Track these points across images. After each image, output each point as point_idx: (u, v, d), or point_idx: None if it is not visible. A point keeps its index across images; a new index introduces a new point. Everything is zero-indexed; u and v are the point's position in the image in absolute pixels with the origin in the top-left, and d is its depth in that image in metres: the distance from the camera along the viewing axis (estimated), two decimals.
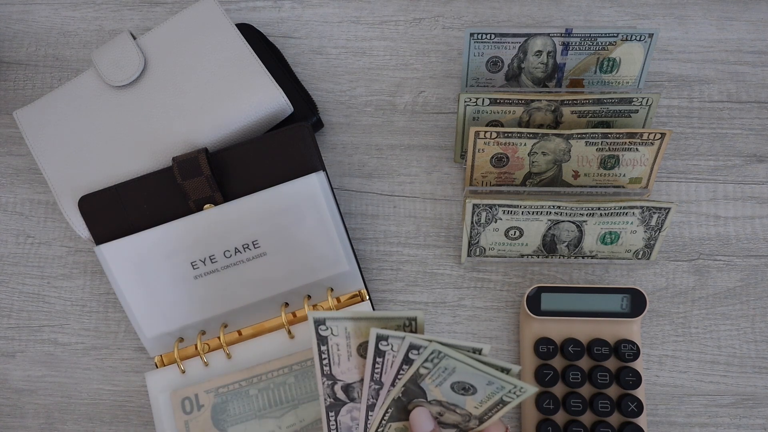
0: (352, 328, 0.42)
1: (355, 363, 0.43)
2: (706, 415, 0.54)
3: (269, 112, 0.55)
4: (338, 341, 0.42)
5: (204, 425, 0.52)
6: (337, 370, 0.43)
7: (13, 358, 0.56)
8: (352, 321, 0.42)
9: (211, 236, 0.52)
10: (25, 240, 0.59)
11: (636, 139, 0.53)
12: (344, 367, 0.43)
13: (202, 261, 0.52)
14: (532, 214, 0.52)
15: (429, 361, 0.40)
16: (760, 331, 0.55)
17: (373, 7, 0.63)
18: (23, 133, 0.56)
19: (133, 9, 0.64)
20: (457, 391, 0.41)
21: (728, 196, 0.58)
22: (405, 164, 0.60)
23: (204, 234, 0.52)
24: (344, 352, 0.43)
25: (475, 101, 0.54)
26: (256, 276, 0.53)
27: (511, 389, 0.40)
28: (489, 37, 0.55)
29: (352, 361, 0.43)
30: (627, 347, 0.52)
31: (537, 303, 0.53)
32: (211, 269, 0.53)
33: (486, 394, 0.41)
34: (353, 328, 0.42)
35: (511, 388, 0.40)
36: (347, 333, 0.42)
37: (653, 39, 0.54)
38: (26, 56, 0.63)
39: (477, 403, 0.41)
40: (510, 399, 0.40)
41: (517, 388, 0.40)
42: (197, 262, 0.52)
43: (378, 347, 0.41)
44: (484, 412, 0.42)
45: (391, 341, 0.41)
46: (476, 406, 0.41)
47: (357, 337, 0.42)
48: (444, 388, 0.41)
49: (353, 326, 0.42)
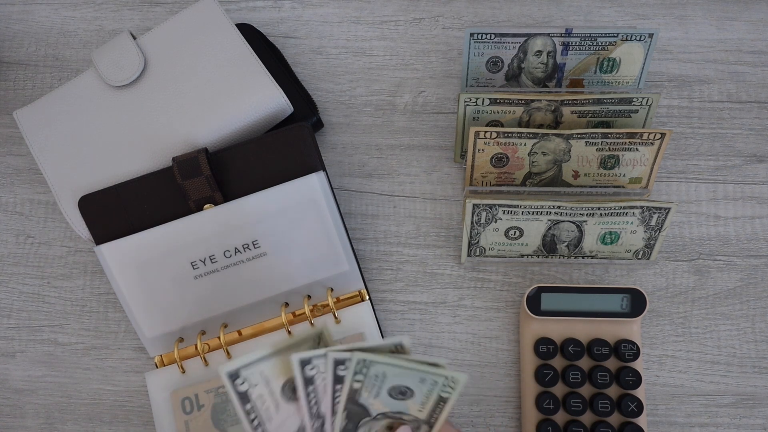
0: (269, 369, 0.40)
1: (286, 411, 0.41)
2: (706, 415, 0.54)
3: (269, 112, 0.55)
4: (260, 391, 0.40)
5: (204, 425, 0.52)
6: (270, 427, 0.41)
7: (13, 358, 0.56)
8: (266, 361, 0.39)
9: (211, 236, 0.52)
10: (25, 240, 0.59)
11: (636, 139, 0.53)
12: (277, 421, 0.41)
13: (202, 261, 0.52)
14: (532, 214, 0.52)
15: (359, 373, 0.39)
16: (760, 331, 0.55)
17: (373, 7, 0.63)
18: (23, 133, 0.56)
19: (133, 9, 0.64)
20: (396, 397, 0.40)
21: (728, 196, 0.58)
22: (405, 164, 0.60)
23: (204, 234, 0.52)
24: (271, 403, 0.40)
25: (475, 101, 0.54)
26: (256, 276, 0.53)
27: (444, 382, 0.39)
28: (489, 37, 0.55)
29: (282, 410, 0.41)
30: (627, 347, 0.52)
31: (537, 303, 0.53)
32: (211, 269, 0.53)
33: (423, 393, 0.40)
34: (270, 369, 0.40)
35: (443, 381, 0.39)
36: (265, 378, 0.40)
37: (653, 39, 0.54)
38: (26, 56, 0.63)
39: (419, 406, 0.41)
40: (447, 393, 0.40)
41: (448, 379, 0.39)
42: (197, 262, 0.52)
43: (305, 374, 0.40)
44: (430, 415, 0.41)
45: (315, 362, 0.39)
46: (419, 409, 0.41)
47: (278, 378, 0.40)
48: (383, 397, 0.40)
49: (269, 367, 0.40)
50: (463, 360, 0.55)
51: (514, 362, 0.55)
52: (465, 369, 0.55)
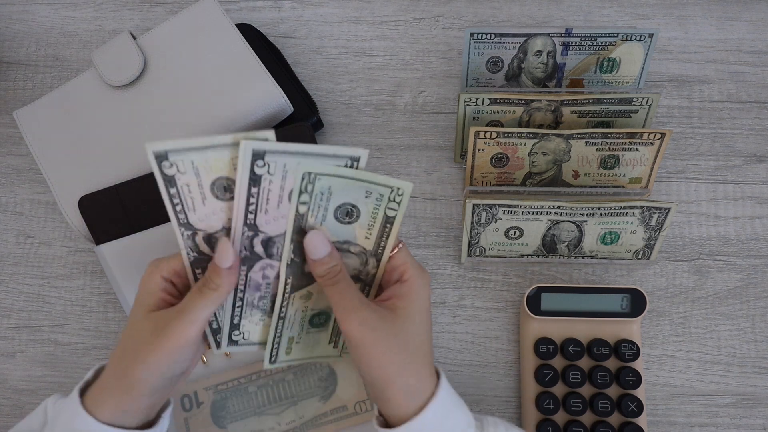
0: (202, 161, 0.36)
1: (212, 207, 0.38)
2: (706, 415, 0.54)
3: (269, 112, 0.55)
4: (188, 180, 0.37)
5: (204, 422, 0.52)
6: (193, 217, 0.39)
7: (13, 358, 0.56)
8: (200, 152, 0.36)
9: None
10: (25, 240, 0.59)
11: (636, 139, 0.53)
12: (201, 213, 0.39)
13: None
14: (532, 214, 0.52)
15: (304, 192, 0.37)
16: (760, 331, 0.55)
17: (373, 7, 0.63)
18: (23, 133, 0.56)
19: (133, 9, 0.64)
20: (342, 220, 0.39)
21: (728, 196, 0.58)
22: (405, 164, 0.60)
23: None
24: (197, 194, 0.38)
25: (475, 101, 0.54)
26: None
27: (390, 195, 0.38)
28: (489, 37, 0.55)
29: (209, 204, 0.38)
30: (627, 347, 0.52)
31: (537, 303, 0.53)
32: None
33: (369, 213, 0.39)
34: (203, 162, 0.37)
35: (389, 194, 0.38)
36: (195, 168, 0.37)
37: (653, 39, 0.54)
38: (26, 56, 0.63)
39: (366, 231, 0.40)
40: (393, 210, 0.39)
41: (394, 191, 0.38)
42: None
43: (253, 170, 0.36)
44: (377, 243, 0.40)
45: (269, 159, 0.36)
46: (366, 235, 0.40)
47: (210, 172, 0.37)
48: (329, 221, 0.39)
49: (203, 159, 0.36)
50: (463, 360, 0.55)
51: (514, 362, 0.55)
52: (465, 369, 0.55)
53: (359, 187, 0.38)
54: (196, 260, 0.40)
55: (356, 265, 0.42)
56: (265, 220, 0.39)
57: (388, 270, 0.42)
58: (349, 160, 0.38)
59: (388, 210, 0.39)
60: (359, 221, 0.40)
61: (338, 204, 0.39)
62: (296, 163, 0.37)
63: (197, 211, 0.39)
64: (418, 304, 0.40)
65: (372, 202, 0.39)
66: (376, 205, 0.39)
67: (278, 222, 0.39)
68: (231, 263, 0.39)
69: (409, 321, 0.39)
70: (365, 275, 0.43)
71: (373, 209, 0.39)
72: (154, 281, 0.40)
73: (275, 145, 0.36)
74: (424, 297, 0.41)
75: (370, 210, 0.39)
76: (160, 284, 0.40)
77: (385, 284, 0.43)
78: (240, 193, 0.38)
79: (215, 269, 0.39)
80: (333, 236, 0.40)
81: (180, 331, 0.38)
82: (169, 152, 0.36)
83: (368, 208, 0.39)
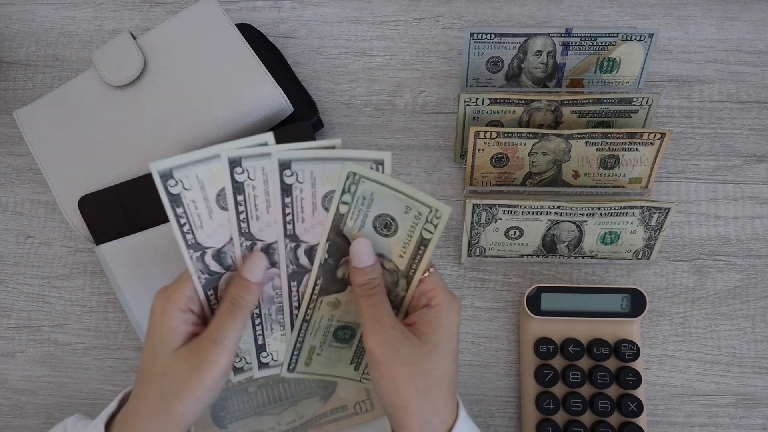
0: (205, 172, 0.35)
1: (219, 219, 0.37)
2: (706, 415, 0.54)
3: (269, 112, 0.55)
4: (194, 196, 0.36)
5: (204, 422, 0.52)
6: (201, 235, 0.37)
7: (13, 358, 0.56)
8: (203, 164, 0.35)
9: None
10: (25, 240, 0.59)
11: (636, 139, 0.53)
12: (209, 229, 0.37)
13: None
14: (532, 214, 0.52)
15: (347, 192, 0.36)
16: (760, 331, 0.55)
17: (373, 7, 0.63)
18: (23, 133, 0.56)
19: (133, 9, 0.64)
20: (380, 231, 0.38)
21: (728, 196, 0.58)
22: (405, 164, 0.60)
23: None
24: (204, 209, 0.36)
25: (475, 101, 0.54)
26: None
27: (428, 215, 0.37)
28: (489, 37, 0.55)
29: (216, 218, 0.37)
30: (627, 347, 0.52)
31: (537, 303, 0.53)
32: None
33: (407, 229, 0.38)
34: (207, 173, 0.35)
35: (427, 214, 0.37)
36: (200, 182, 0.36)
37: (653, 39, 0.54)
38: (26, 56, 0.63)
39: (401, 249, 0.39)
40: (429, 232, 0.38)
41: (432, 212, 0.37)
42: None
43: (283, 180, 0.36)
44: (409, 264, 0.39)
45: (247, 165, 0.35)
46: (401, 253, 0.39)
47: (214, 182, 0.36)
48: (367, 230, 0.38)
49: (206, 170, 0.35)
50: (463, 360, 0.55)
51: (514, 362, 0.55)
52: (465, 369, 0.55)
53: (400, 201, 0.37)
54: (207, 282, 0.39)
55: (387, 284, 0.41)
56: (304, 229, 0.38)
57: (417, 294, 0.40)
58: (373, 163, 0.37)
59: (424, 231, 0.38)
60: (396, 236, 0.39)
61: (378, 213, 0.38)
62: (322, 169, 0.37)
63: (205, 228, 0.38)
64: (445, 331, 0.38)
65: (410, 220, 0.38)
66: (413, 223, 0.38)
67: (316, 230, 0.39)
68: (262, 277, 0.38)
69: (434, 349, 0.38)
70: (394, 296, 0.41)
71: (410, 227, 0.38)
72: (174, 316, 0.38)
73: (301, 153, 0.36)
74: (452, 325, 0.39)
75: (407, 227, 0.38)
76: (181, 317, 0.38)
77: (412, 309, 0.41)
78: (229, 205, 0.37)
79: (244, 284, 0.38)
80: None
81: (219, 360, 0.37)
82: (174, 169, 0.35)
83: (406, 225, 0.38)
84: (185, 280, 0.39)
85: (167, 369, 0.37)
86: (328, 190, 0.38)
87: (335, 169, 0.37)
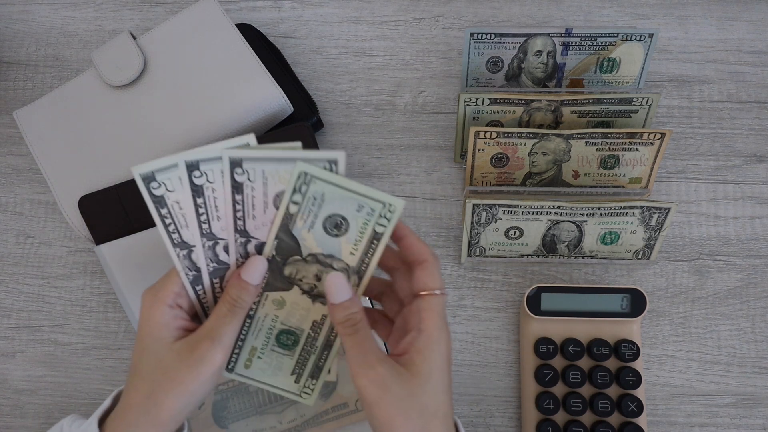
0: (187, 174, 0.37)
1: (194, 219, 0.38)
2: (706, 415, 0.54)
3: (269, 112, 0.55)
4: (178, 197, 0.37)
5: (205, 422, 0.52)
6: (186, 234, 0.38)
7: (13, 358, 0.56)
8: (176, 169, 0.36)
9: None
10: (25, 240, 0.59)
11: (636, 139, 0.53)
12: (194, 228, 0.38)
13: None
14: (532, 214, 0.52)
15: (297, 192, 0.37)
16: (760, 331, 0.55)
17: (373, 7, 0.63)
18: (23, 133, 0.56)
19: (133, 9, 0.64)
20: (330, 231, 0.38)
21: (728, 196, 0.58)
22: (405, 164, 0.60)
23: None
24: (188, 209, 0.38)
25: (475, 101, 0.54)
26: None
27: (381, 211, 0.37)
28: (489, 37, 0.55)
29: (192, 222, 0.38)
30: (627, 347, 0.52)
31: (537, 303, 0.53)
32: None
33: (358, 227, 0.38)
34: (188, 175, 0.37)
35: (380, 210, 0.37)
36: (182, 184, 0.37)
37: (653, 39, 0.54)
38: (26, 56, 0.63)
39: (352, 246, 0.39)
40: (382, 226, 0.38)
41: (386, 207, 0.37)
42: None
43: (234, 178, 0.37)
44: (361, 259, 0.39)
45: (205, 168, 0.36)
46: (352, 250, 0.39)
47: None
48: (317, 230, 0.38)
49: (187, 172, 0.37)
50: (463, 360, 0.55)
51: (514, 362, 0.55)
52: (465, 369, 0.55)
53: (352, 200, 0.38)
54: (195, 278, 0.40)
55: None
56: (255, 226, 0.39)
57: (414, 309, 0.39)
58: (327, 163, 0.37)
59: (377, 226, 0.38)
60: (347, 235, 0.39)
61: (329, 213, 0.38)
62: (275, 170, 0.37)
63: (190, 227, 0.39)
64: (436, 360, 0.37)
65: (363, 217, 0.38)
66: (366, 221, 0.38)
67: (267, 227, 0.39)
68: (260, 280, 0.39)
69: (426, 381, 0.37)
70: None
71: (363, 224, 0.38)
72: (162, 312, 0.38)
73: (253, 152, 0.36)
74: (442, 352, 0.38)
75: (359, 225, 0.38)
76: (169, 313, 0.39)
77: (405, 323, 0.40)
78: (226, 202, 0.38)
79: (243, 286, 0.38)
80: (318, 247, 0.39)
81: (216, 357, 0.37)
82: (156, 172, 0.36)
83: (358, 223, 0.38)
84: (172, 277, 0.39)
85: (160, 364, 0.38)
86: (281, 189, 0.38)
87: (288, 169, 0.37)
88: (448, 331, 0.39)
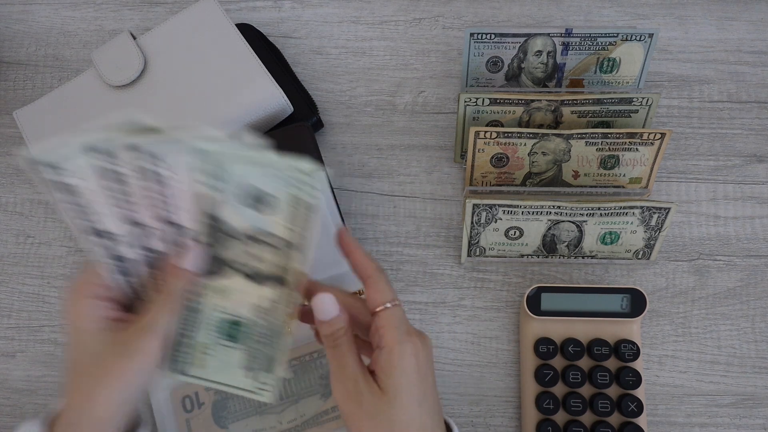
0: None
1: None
2: (706, 415, 0.54)
3: (269, 112, 0.55)
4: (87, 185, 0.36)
5: (205, 423, 0.52)
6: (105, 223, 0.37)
7: (13, 358, 0.56)
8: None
9: None
10: (25, 240, 0.59)
11: (636, 139, 0.53)
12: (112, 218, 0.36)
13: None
14: (532, 214, 0.52)
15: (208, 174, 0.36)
16: (760, 331, 0.55)
17: (373, 7, 0.63)
18: (23, 133, 0.56)
19: (133, 9, 0.64)
20: (256, 207, 0.37)
21: (728, 196, 0.58)
22: (405, 164, 0.60)
23: None
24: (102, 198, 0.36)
25: (475, 101, 0.54)
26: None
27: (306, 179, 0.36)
28: (489, 37, 0.55)
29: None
30: (627, 347, 0.52)
31: (537, 303, 0.53)
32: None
33: (288, 201, 0.37)
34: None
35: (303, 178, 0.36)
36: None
37: (653, 39, 0.54)
38: (26, 56, 0.63)
39: (286, 221, 0.38)
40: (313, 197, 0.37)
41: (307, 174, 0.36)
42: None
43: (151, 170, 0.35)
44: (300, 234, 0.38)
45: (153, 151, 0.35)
46: (288, 225, 0.38)
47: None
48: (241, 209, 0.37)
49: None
50: (463, 360, 0.55)
51: (514, 362, 0.55)
52: (465, 369, 0.55)
53: (270, 174, 0.36)
54: (123, 269, 0.39)
55: (278, 262, 0.39)
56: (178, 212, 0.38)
57: (373, 329, 0.38)
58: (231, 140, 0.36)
59: (308, 197, 0.37)
60: (277, 210, 0.38)
61: (247, 190, 0.37)
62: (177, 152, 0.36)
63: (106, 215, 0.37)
64: (400, 376, 0.37)
65: (287, 189, 0.37)
66: (293, 193, 0.37)
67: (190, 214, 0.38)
68: (193, 265, 0.38)
69: (393, 398, 0.36)
70: (291, 273, 0.39)
71: (291, 197, 0.37)
72: (83, 304, 0.37)
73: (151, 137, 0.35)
74: (407, 368, 0.37)
75: (287, 198, 0.37)
76: (90, 304, 0.38)
77: (374, 344, 0.39)
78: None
79: (175, 272, 0.38)
80: (249, 226, 0.38)
81: (148, 347, 0.36)
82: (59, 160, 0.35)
83: (285, 197, 0.37)
84: (90, 268, 0.38)
85: (93, 357, 0.37)
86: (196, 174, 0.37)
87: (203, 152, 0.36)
88: (415, 340, 0.38)
